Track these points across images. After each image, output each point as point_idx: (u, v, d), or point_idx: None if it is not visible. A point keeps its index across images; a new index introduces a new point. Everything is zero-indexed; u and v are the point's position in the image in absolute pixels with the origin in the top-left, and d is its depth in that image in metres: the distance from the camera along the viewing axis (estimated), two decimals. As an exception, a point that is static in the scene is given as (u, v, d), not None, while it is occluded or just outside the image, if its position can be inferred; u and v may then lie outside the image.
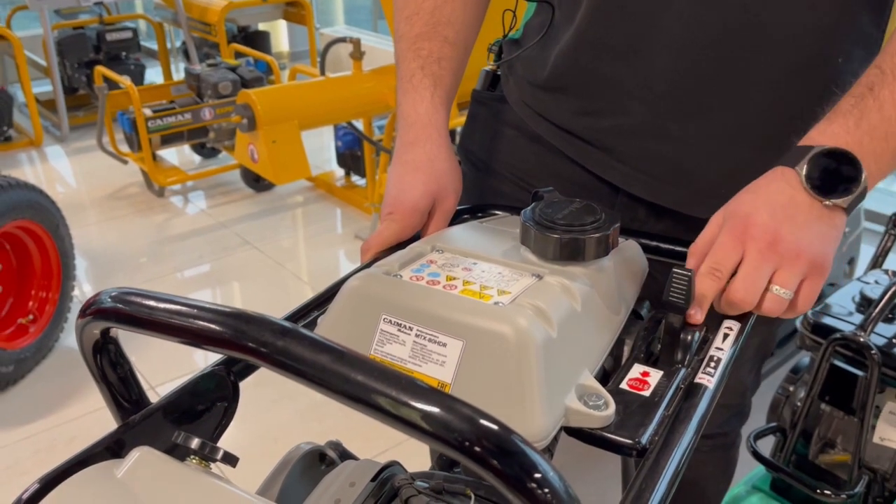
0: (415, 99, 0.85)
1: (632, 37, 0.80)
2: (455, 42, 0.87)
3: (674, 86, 0.79)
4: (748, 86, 0.78)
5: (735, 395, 1.10)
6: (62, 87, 4.18)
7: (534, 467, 0.39)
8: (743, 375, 1.06)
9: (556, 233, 0.63)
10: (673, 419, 0.58)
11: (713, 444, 1.16)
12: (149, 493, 0.49)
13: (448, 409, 0.39)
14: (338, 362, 0.40)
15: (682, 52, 0.77)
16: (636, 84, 0.82)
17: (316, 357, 0.41)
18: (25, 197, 2.19)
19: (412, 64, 0.86)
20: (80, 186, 3.83)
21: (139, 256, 3.01)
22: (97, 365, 0.54)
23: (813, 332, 1.40)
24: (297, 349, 0.41)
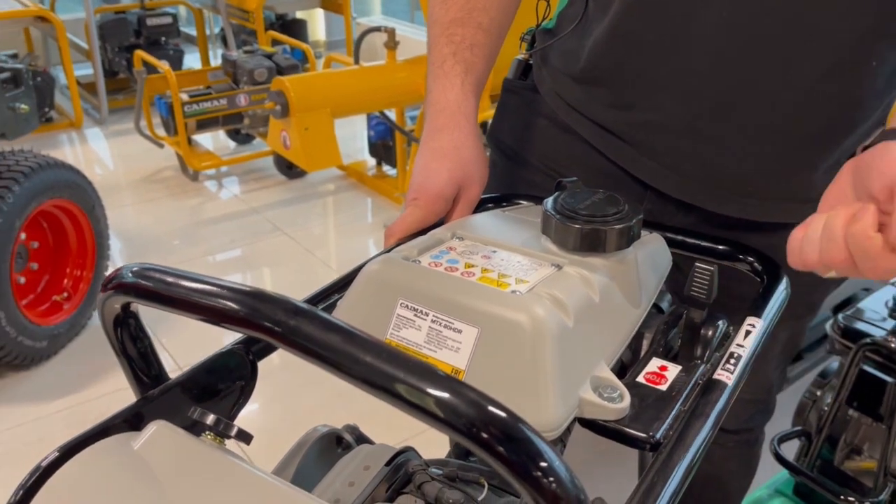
0: (445, 85, 0.84)
1: (667, 32, 0.78)
2: (489, 29, 0.86)
3: (707, 83, 0.78)
4: (782, 86, 0.76)
5: (761, 391, 1.09)
6: (103, 71, 4.25)
7: (540, 455, 0.39)
8: (769, 371, 1.05)
9: (577, 223, 0.63)
10: (689, 415, 0.58)
11: (737, 440, 1.15)
12: (163, 466, 0.50)
13: (456, 393, 0.39)
14: (348, 343, 0.41)
15: (718, 50, 0.76)
16: (669, 80, 0.80)
17: (326, 337, 0.41)
18: (63, 177, 2.23)
19: (444, 49, 0.86)
20: (117, 168, 3.90)
21: (172, 239, 3.05)
22: (118, 338, 0.55)
23: (843, 336, 1.37)
24: (308, 329, 0.41)
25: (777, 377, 1.08)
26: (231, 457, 0.51)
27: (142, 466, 0.49)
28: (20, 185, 2.07)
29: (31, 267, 2.30)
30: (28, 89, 2.87)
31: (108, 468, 0.49)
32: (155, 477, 0.49)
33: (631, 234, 0.64)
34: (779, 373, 1.08)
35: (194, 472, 0.49)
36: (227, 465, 0.49)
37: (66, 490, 0.47)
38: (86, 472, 0.49)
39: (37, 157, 2.19)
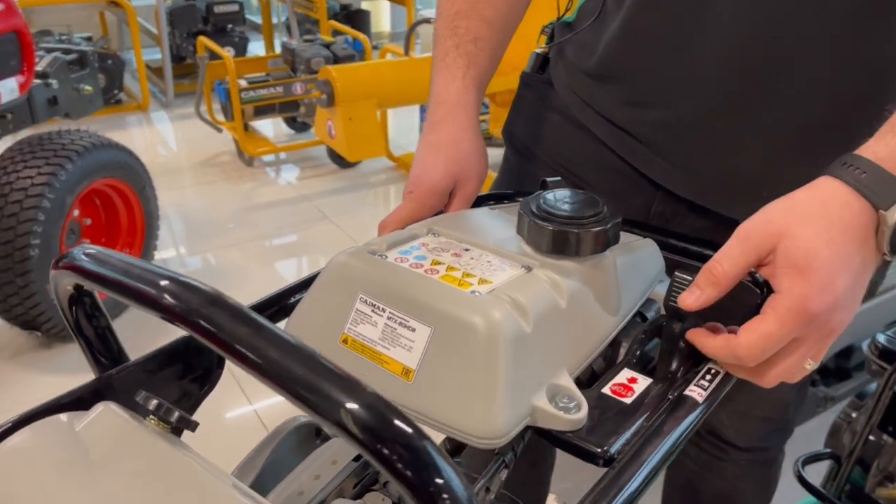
0: (446, 78, 0.83)
1: (679, 28, 0.76)
2: (493, 23, 0.85)
3: (720, 81, 0.75)
4: (796, 85, 0.73)
5: (775, 409, 1.04)
6: (170, 56, 4.38)
7: (437, 471, 0.37)
8: (781, 389, 1.00)
9: (550, 225, 0.60)
10: (650, 431, 0.55)
11: (751, 459, 1.10)
12: (98, 448, 0.50)
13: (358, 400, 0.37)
14: (257, 337, 0.40)
15: (730, 47, 0.73)
16: (682, 77, 0.78)
17: (235, 329, 0.40)
18: (115, 157, 2.30)
19: (447, 42, 0.84)
20: (179, 151, 4.01)
21: (226, 222, 3.12)
22: (72, 317, 0.55)
23: (880, 357, 1.30)
24: (220, 320, 0.41)
25: (793, 396, 1.03)
26: (168, 443, 0.50)
27: (77, 447, 0.50)
28: (73, 163, 2.14)
29: (84, 243, 2.38)
30: (93, 71, 2.96)
31: (45, 446, 0.50)
32: (86, 459, 0.49)
33: (606, 238, 0.61)
34: (795, 391, 1.03)
35: (125, 456, 0.49)
36: (160, 451, 0.49)
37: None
38: (22, 448, 0.49)
39: (91, 136, 2.26)
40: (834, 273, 0.54)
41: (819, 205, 0.55)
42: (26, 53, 2.37)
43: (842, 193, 0.55)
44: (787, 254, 0.54)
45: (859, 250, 0.55)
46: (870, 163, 0.55)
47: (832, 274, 0.53)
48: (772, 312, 0.55)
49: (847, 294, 0.55)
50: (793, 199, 0.57)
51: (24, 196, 2.04)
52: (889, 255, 0.55)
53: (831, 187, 0.56)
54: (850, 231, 0.54)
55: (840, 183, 0.56)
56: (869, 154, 0.56)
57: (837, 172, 0.56)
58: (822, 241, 0.54)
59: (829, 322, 0.55)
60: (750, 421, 1.04)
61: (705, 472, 1.14)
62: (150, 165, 2.45)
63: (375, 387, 0.56)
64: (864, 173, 0.55)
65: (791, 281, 0.54)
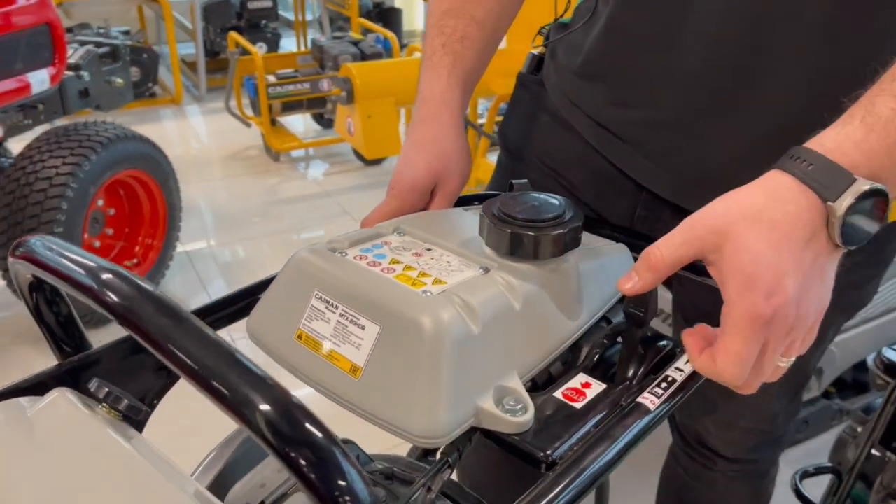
0: (432, 76, 0.83)
1: (662, 26, 0.75)
2: (482, 22, 0.85)
3: (702, 79, 0.75)
4: (779, 84, 0.72)
5: (761, 420, 1.02)
6: (204, 50, 4.44)
7: (341, 473, 0.37)
8: (768, 400, 0.99)
9: (508, 227, 0.60)
10: (596, 437, 0.55)
11: (740, 470, 1.08)
12: (48, 433, 0.51)
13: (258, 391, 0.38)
14: (176, 330, 0.40)
15: (713, 44, 0.73)
16: (666, 76, 0.77)
17: (158, 322, 0.41)
18: (139, 149, 2.35)
19: (435, 41, 0.85)
20: (210, 143, 4.07)
21: (249, 215, 3.16)
22: (33, 304, 0.57)
23: (885, 372, 1.27)
24: (145, 312, 0.42)
25: (783, 407, 1.01)
26: (114, 430, 0.51)
27: (27, 431, 0.51)
28: (97, 154, 2.19)
29: (107, 232, 2.44)
30: (125, 65, 3.02)
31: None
32: (34, 443, 0.50)
33: (564, 241, 0.60)
34: (785, 403, 1.01)
35: (71, 442, 0.50)
36: (104, 438, 0.50)
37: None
38: (-28, 429, 0.51)
39: (115, 128, 2.31)
40: (780, 275, 0.52)
41: (765, 201, 0.54)
42: (58, 45, 2.43)
43: (788, 187, 0.54)
44: (731, 259, 0.54)
45: (807, 246, 0.53)
46: (816, 154, 0.54)
47: (778, 276, 0.52)
48: (731, 327, 0.54)
49: (801, 291, 0.53)
50: (740, 193, 0.56)
51: (49, 185, 2.09)
52: (842, 246, 0.54)
53: (778, 181, 0.55)
54: (796, 228, 0.53)
55: (787, 176, 0.54)
56: (816, 146, 0.55)
57: (785, 165, 0.55)
58: (766, 242, 0.53)
59: (786, 322, 0.54)
60: (736, 432, 1.02)
61: (695, 481, 1.13)
62: (182, 158, 2.50)
63: (324, 383, 0.57)
64: (811, 165, 0.54)
65: (738, 289, 0.53)
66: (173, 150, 3.84)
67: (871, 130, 0.53)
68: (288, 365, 0.60)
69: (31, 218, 2.07)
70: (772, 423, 1.02)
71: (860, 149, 0.53)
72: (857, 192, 0.52)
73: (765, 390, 0.96)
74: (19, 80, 2.30)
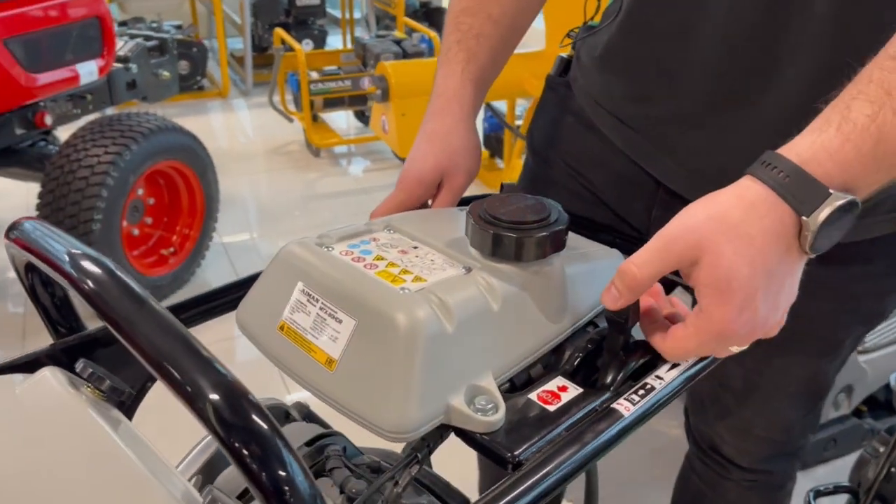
0: (446, 72, 0.85)
1: (678, 21, 0.76)
2: (499, 20, 0.85)
3: (717, 72, 0.75)
4: (792, 77, 0.71)
5: (776, 430, 1.01)
6: (252, 46, 4.52)
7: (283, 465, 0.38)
8: (784, 410, 0.98)
9: (491, 228, 0.61)
10: (565, 441, 0.55)
11: (755, 480, 1.07)
12: (32, 410, 0.53)
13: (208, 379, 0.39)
14: (137, 314, 0.42)
15: (725, 38, 0.73)
16: (682, 70, 0.77)
17: (122, 305, 0.43)
18: (179, 140, 2.41)
19: (451, 37, 0.86)
20: (255, 137, 4.15)
21: (293, 209, 3.21)
22: (29, 284, 0.59)
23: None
24: (111, 295, 0.43)
25: (798, 418, 1.00)
26: (95, 411, 0.53)
27: (13, 407, 0.53)
28: (138, 144, 2.25)
29: (146, 221, 2.50)
30: (172, 58, 3.10)
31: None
32: (17, 418, 0.52)
33: (547, 244, 0.61)
34: (801, 413, 0.99)
35: (52, 420, 0.52)
36: (84, 418, 0.52)
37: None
38: (-39, 402, 0.53)
39: (157, 119, 2.37)
40: (753, 292, 0.53)
41: (742, 215, 0.54)
42: (107, 38, 2.50)
43: (765, 200, 0.54)
44: (708, 272, 0.54)
45: (781, 260, 0.54)
46: (792, 165, 0.54)
47: (751, 293, 0.53)
48: (693, 329, 0.56)
49: (768, 306, 0.55)
50: (717, 203, 0.56)
51: (91, 173, 2.16)
52: (811, 254, 0.55)
53: (754, 192, 0.54)
54: (771, 243, 0.53)
55: (763, 187, 0.54)
56: (792, 155, 0.54)
57: (760, 174, 0.55)
58: (742, 259, 0.53)
59: (751, 332, 0.56)
60: (750, 441, 1.01)
61: (709, 490, 1.12)
62: (226, 150, 2.55)
63: (302, 374, 0.58)
64: (787, 177, 0.53)
65: (711, 301, 0.54)
66: (218, 142, 3.94)
67: (846, 140, 0.53)
68: (271, 355, 0.61)
69: (72, 205, 2.14)
70: (786, 434, 1.01)
71: (835, 159, 0.53)
72: (831, 207, 0.52)
73: (778, 398, 0.96)
74: (69, 71, 2.38)
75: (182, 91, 3.76)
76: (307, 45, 4.52)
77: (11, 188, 2.88)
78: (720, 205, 0.55)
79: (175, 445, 0.75)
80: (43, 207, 2.19)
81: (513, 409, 0.58)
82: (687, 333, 0.56)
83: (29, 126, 2.37)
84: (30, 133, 2.40)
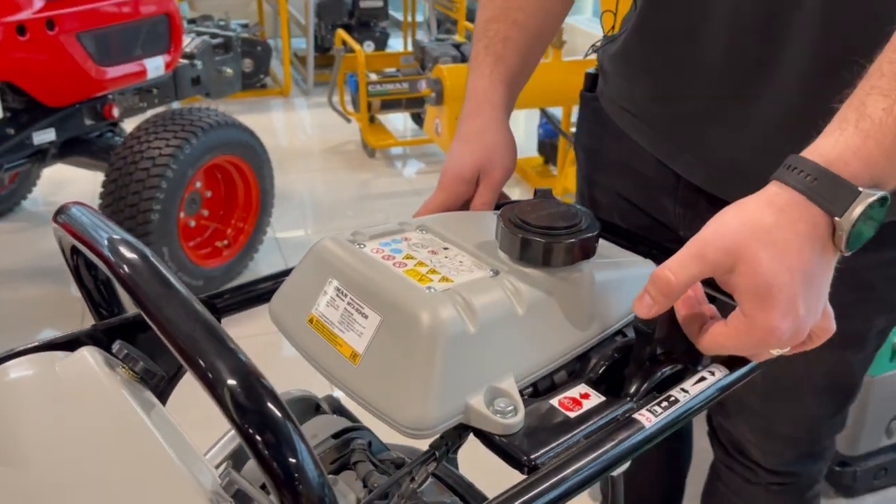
0: (476, 76, 0.88)
1: (688, 22, 0.79)
2: (524, 25, 0.88)
3: (725, 70, 0.78)
4: (791, 72, 0.73)
5: (798, 428, 1.00)
6: (314, 46, 4.60)
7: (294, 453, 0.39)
8: (806, 406, 0.97)
9: (520, 232, 0.61)
10: (583, 448, 0.55)
11: (781, 483, 1.06)
12: (67, 387, 0.56)
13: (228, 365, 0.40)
14: (164, 298, 0.44)
15: (731, 36, 0.75)
16: (693, 70, 0.80)
17: (153, 288, 0.44)
18: (237, 136, 2.47)
19: (479, 44, 0.89)
20: (313, 136, 4.22)
21: (346, 209, 3.26)
22: (73, 266, 0.62)
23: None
24: (142, 277, 0.45)
25: (825, 417, 0.98)
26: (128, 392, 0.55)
27: (50, 383, 0.56)
28: (198, 138, 2.32)
29: (202, 213, 2.57)
30: (236, 56, 3.18)
31: (25, 377, 0.56)
32: (52, 395, 0.55)
33: (574, 250, 0.61)
34: (828, 413, 0.98)
35: (86, 398, 0.55)
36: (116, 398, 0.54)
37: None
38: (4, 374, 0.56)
39: (217, 115, 2.44)
40: (794, 296, 0.54)
41: (775, 220, 0.54)
42: (174, 35, 2.59)
43: (796, 204, 0.54)
44: (746, 280, 0.54)
45: (818, 261, 0.55)
46: (818, 167, 0.54)
47: (792, 297, 0.54)
48: (734, 330, 0.56)
49: (809, 307, 0.55)
50: (747, 210, 0.56)
51: (152, 165, 2.23)
52: (847, 252, 0.55)
53: (783, 197, 0.55)
54: (807, 247, 0.54)
55: (792, 192, 0.55)
56: (817, 157, 0.55)
57: (787, 178, 0.55)
58: (780, 266, 0.53)
59: (795, 335, 0.56)
60: (775, 440, 1.00)
61: (736, 498, 1.10)
62: (285, 148, 2.60)
63: (326, 367, 0.59)
64: (815, 180, 0.54)
65: (753, 307, 0.54)
66: (277, 139, 4.02)
67: (867, 136, 0.53)
68: (299, 347, 0.62)
69: (133, 195, 2.21)
70: (811, 433, 1.00)
71: (859, 156, 0.53)
72: (864, 205, 0.53)
73: (801, 393, 0.94)
74: (137, 65, 2.47)
75: (245, 88, 3.84)
76: (368, 46, 4.58)
77: (79, 176, 3.00)
78: (750, 212, 0.56)
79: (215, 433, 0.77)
80: (106, 196, 2.27)
81: (533, 413, 0.58)
82: (727, 332, 0.57)
83: (97, 117, 2.46)
84: (98, 124, 2.49)
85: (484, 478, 0.78)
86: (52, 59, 2.16)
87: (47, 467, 0.52)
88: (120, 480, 0.49)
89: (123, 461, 0.50)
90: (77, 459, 0.51)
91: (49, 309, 2.44)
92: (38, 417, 0.54)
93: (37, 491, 0.51)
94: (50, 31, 2.13)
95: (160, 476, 0.49)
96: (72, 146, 2.49)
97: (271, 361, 1.91)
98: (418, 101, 3.60)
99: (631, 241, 0.82)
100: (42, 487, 0.51)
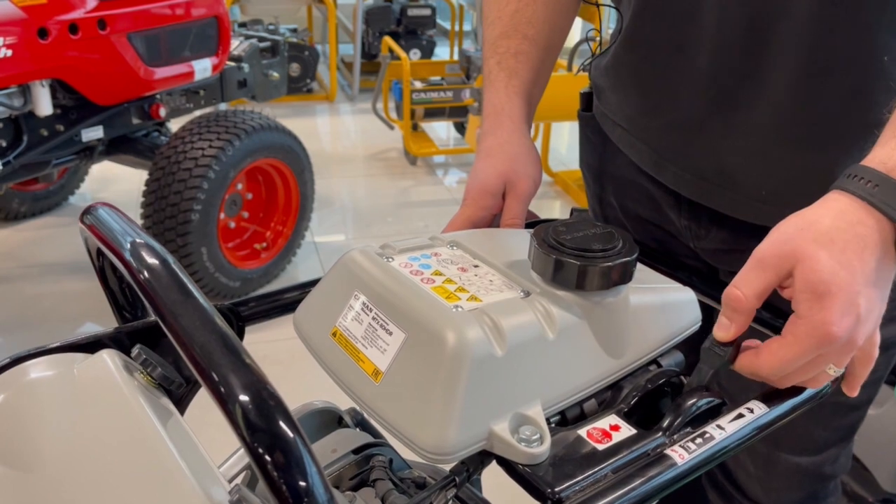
0: (491, 92, 0.87)
1: (674, 35, 0.79)
2: (535, 39, 0.88)
3: (712, 81, 0.77)
4: (779, 80, 0.73)
5: (805, 451, 0.94)
6: (361, 52, 4.63)
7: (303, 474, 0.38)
8: (810, 423, 0.92)
9: (554, 253, 0.59)
10: (610, 483, 0.52)
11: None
12: (84, 389, 0.55)
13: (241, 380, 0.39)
14: (180, 306, 0.42)
15: (717, 48, 0.75)
16: (681, 80, 0.80)
17: (170, 296, 0.43)
18: (279, 140, 2.48)
19: (491, 61, 0.89)
20: (355, 141, 4.24)
21: (386, 215, 3.26)
22: (99, 267, 0.61)
23: None
24: (160, 283, 0.44)
25: (831, 440, 0.93)
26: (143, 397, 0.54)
27: (67, 384, 0.55)
28: (241, 140, 2.34)
29: (243, 215, 2.59)
30: (283, 60, 3.20)
31: (44, 377, 0.56)
32: (68, 396, 0.54)
33: (610, 274, 0.58)
34: (835, 436, 0.93)
35: (100, 401, 0.54)
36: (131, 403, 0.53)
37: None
38: (25, 372, 0.55)
39: (261, 118, 2.45)
40: (853, 295, 0.53)
41: (833, 222, 0.54)
42: (223, 38, 2.62)
43: (855, 209, 0.54)
44: (804, 279, 0.54)
45: (878, 265, 0.54)
46: (879, 174, 0.54)
47: (852, 296, 0.53)
48: (792, 337, 0.55)
49: (869, 309, 0.55)
50: (805, 217, 0.56)
51: (194, 165, 2.25)
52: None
53: (843, 203, 0.55)
54: (867, 249, 0.53)
55: (852, 198, 0.55)
56: (877, 164, 0.55)
57: (847, 186, 0.55)
58: (838, 263, 0.53)
59: (851, 340, 0.55)
60: (778, 471, 0.95)
61: None
62: (328, 153, 2.61)
63: (347, 382, 0.58)
64: (876, 186, 0.54)
65: (810, 306, 0.53)
66: (321, 144, 4.05)
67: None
68: (321, 360, 0.61)
69: (175, 194, 2.24)
70: (817, 455, 0.94)
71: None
72: None
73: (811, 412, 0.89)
74: (185, 67, 2.50)
75: (291, 92, 3.88)
76: (414, 54, 4.59)
77: (123, 174, 3.05)
78: (808, 217, 0.56)
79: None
80: (148, 195, 2.30)
81: (560, 443, 0.55)
82: (784, 342, 0.55)
83: (145, 117, 2.50)
84: (145, 123, 2.53)
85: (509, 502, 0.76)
86: (102, 58, 2.20)
87: (57, 469, 0.51)
88: (126, 488, 0.48)
89: (131, 468, 0.49)
90: (86, 463, 0.50)
91: (89, 303, 2.47)
92: (53, 419, 0.53)
93: (45, 492, 0.50)
94: (102, 30, 2.17)
95: (167, 487, 0.47)
96: (119, 144, 2.53)
97: (297, 369, 1.91)
98: (461, 109, 3.59)
99: (670, 267, 0.79)
100: (50, 489, 0.50)
